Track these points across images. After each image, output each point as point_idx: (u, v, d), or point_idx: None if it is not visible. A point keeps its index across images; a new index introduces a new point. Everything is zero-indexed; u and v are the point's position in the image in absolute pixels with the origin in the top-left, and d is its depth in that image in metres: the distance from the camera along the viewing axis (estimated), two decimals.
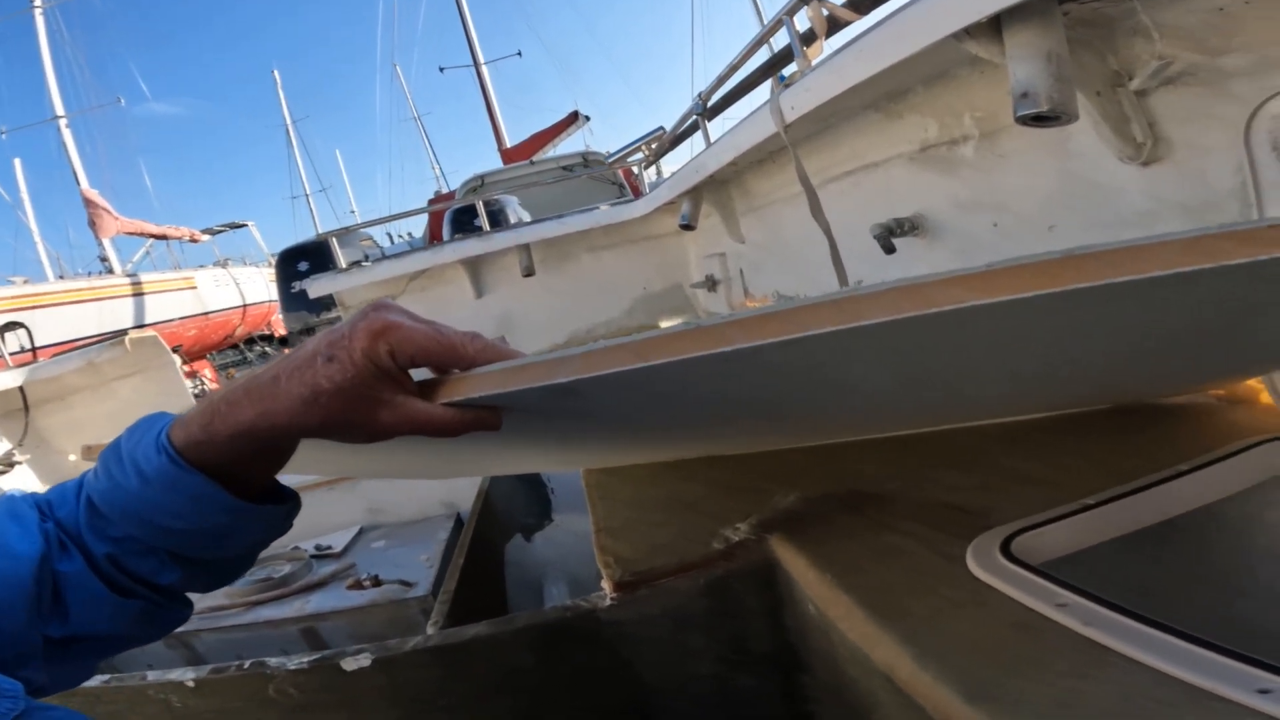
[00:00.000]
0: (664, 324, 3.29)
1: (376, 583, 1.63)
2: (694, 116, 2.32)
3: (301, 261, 5.75)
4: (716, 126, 2.24)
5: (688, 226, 2.34)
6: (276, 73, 28.13)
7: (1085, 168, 0.94)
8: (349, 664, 0.97)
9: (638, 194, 3.47)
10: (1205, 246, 0.31)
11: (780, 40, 1.58)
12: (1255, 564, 0.69)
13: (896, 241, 1.33)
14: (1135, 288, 0.33)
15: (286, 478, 0.53)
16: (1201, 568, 0.68)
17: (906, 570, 0.67)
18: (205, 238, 14.61)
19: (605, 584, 0.87)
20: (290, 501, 0.53)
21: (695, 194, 2.32)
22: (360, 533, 2.04)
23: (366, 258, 3.55)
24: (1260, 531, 0.70)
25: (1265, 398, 0.82)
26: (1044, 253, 0.34)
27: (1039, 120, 0.73)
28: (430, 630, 1.13)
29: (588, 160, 6.32)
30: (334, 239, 3.28)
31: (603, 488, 1.18)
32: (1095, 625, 0.51)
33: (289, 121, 27.34)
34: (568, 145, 8.63)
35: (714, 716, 0.86)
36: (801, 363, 0.46)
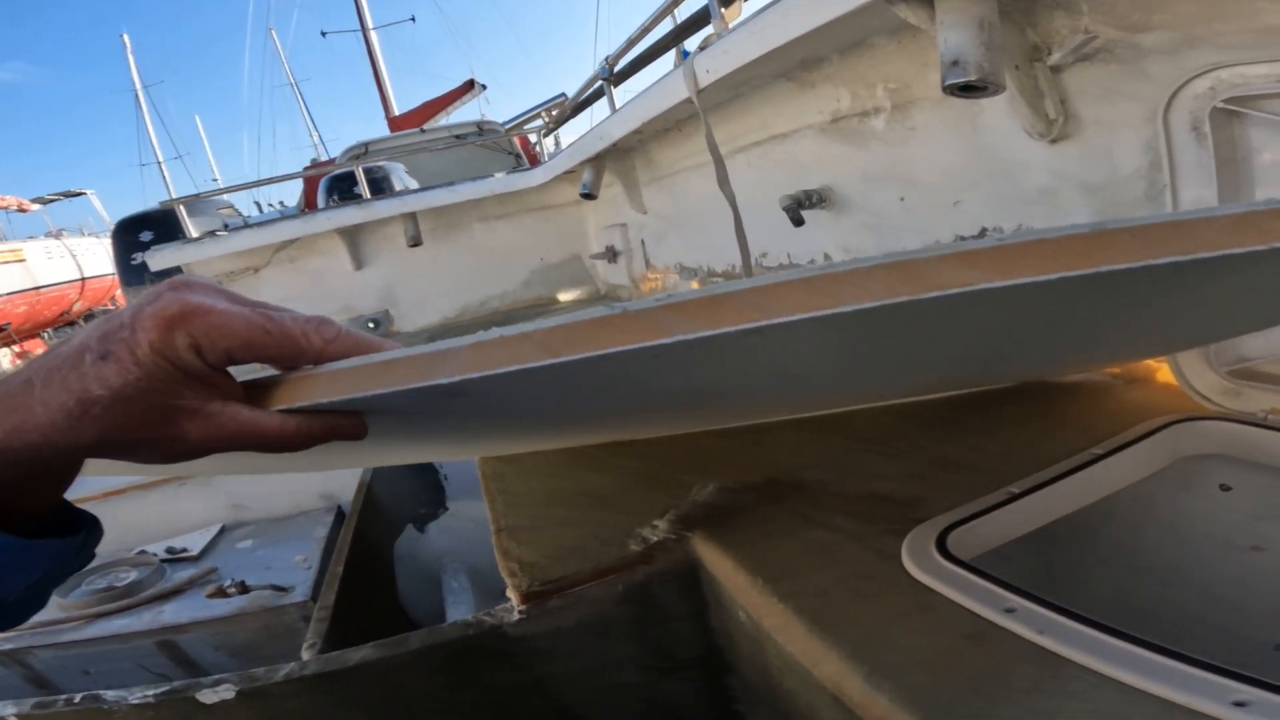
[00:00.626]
0: (563, 296, 3.17)
1: (243, 589, 1.45)
2: (600, 82, 2.21)
3: (144, 231, 5.06)
4: (621, 96, 2.16)
5: (589, 196, 2.26)
6: (126, 36, 25.03)
7: (994, 143, 0.93)
8: (207, 696, 0.83)
9: (535, 164, 3.32)
10: (1258, 224, 0.26)
11: (694, 3, 1.50)
12: (1171, 548, 0.70)
13: (804, 214, 1.30)
14: (1178, 269, 0.27)
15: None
16: (1122, 557, 0.69)
17: (842, 572, 0.63)
18: (35, 207, 13.21)
19: (511, 594, 0.78)
20: (84, 531, 0.40)
21: (597, 162, 2.24)
22: (222, 532, 1.81)
23: (226, 227, 3.18)
24: (1171, 515, 0.72)
25: (1160, 376, 0.85)
26: (1067, 227, 0.28)
27: (966, 90, 0.70)
28: (306, 654, 1.00)
29: (483, 130, 5.99)
30: (181, 206, 2.92)
31: (501, 480, 1.08)
32: (1049, 634, 0.49)
33: (138, 85, 24.29)
34: (462, 115, 8.06)
35: None
36: (743, 352, 0.39)
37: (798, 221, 1.29)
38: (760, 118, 1.44)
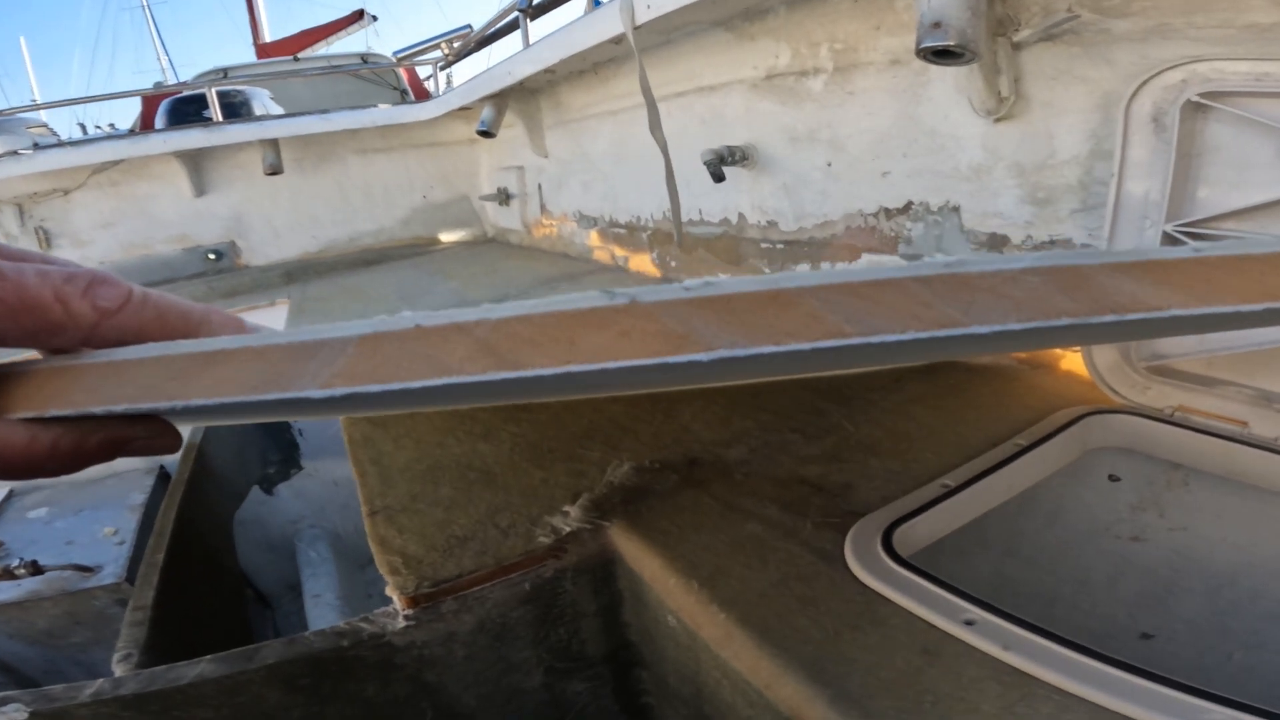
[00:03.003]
0: (446, 237, 2.96)
1: (36, 569, 1.19)
2: (515, 13, 1.98)
3: None
4: (534, 33, 1.98)
5: (487, 133, 2.10)
6: None
7: (934, 116, 0.89)
8: None
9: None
10: None
11: None
12: (1058, 535, 0.72)
13: (725, 170, 1.23)
14: None
15: None
16: (1011, 542, 0.70)
17: (781, 574, 0.58)
18: None
19: (393, 595, 0.67)
20: None
21: (499, 100, 2.07)
22: (9, 498, 1.48)
23: (36, 146, 2.64)
24: (1065, 503, 0.73)
25: (1064, 364, 0.87)
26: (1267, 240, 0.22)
27: (940, 56, 0.64)
28: (119, 669, 0.82)
29: (368, 61, 5.31)
30: None
31: (372, 447, 0.93)
32: (1014, 649, 0.46)
33: None
34: (345, 48, 7.04)
35: None
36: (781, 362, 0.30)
37: (718, 177, 1.21)
38: (689, 67, 1.35)
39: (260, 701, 0.65)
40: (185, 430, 1.50)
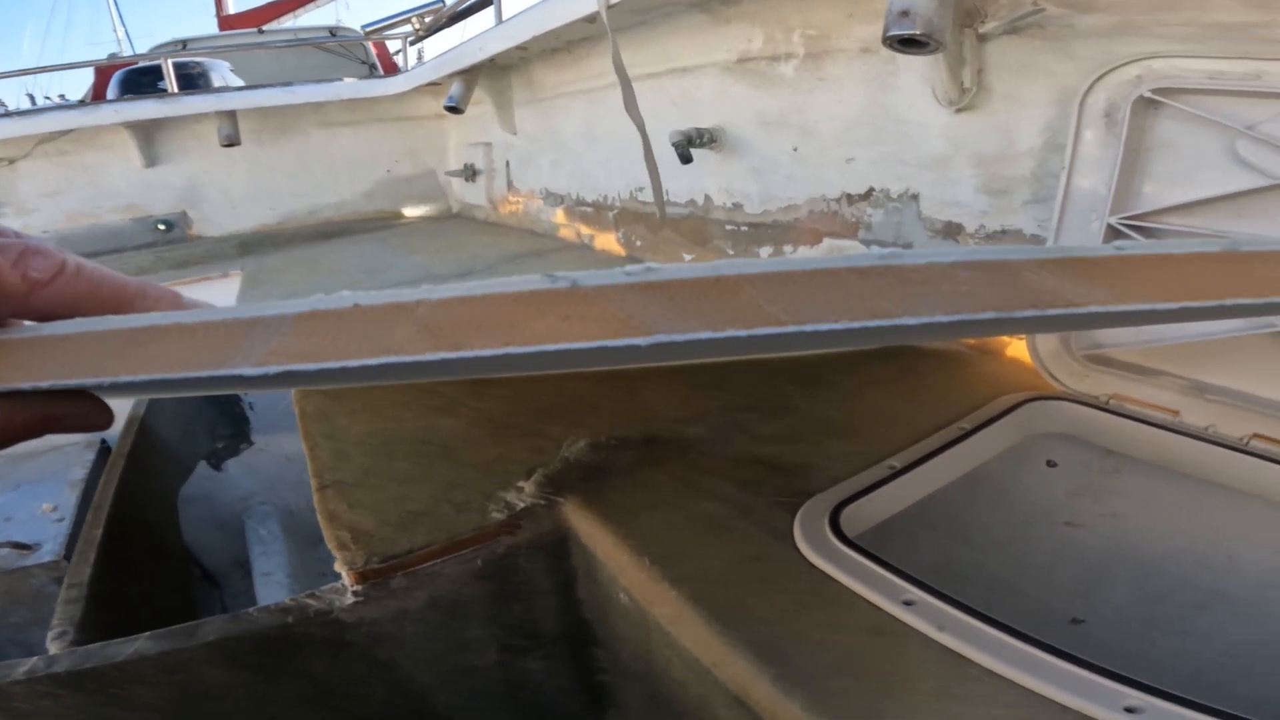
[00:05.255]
0: (410, 212, 2.92)
1: None
2: None
3: None
4: (508, 10, 1.97)
5: (455, 109, 2.08)
6: None
7: (900, 105, 0.90)
8: None
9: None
10: None
11: None
12: (998, 520, 0.74)
13: (693, 152, 1.23)
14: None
15: None
16: (955, 526, 0.72)
17: (734, 554, 0.59)
18: None
19: (342, 571, 0.66)
20: None
21: (469, 76, 2.04)
22: None
23: None
24: (1006, 488, 0.75)
25: (1010, 351, 0.89)
26: (1191, 241, 0.22)
27: (906, 44, 0.64)
28: (53, 646, 0.79)
29: (337, 34, 5.13)
30: None
31: (325, 421, 0.92)
32: (949, 630, 0.48)
33: None
34: (314, 19, 6.73)
35: (499, 705, 0.73)
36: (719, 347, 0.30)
37: (686, 159, 1.22)
38: (663, 49, 1.34)
39: (201, 679, 0.64)
40: (118, 406, 1.44)
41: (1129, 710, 0.40)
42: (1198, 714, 0.39)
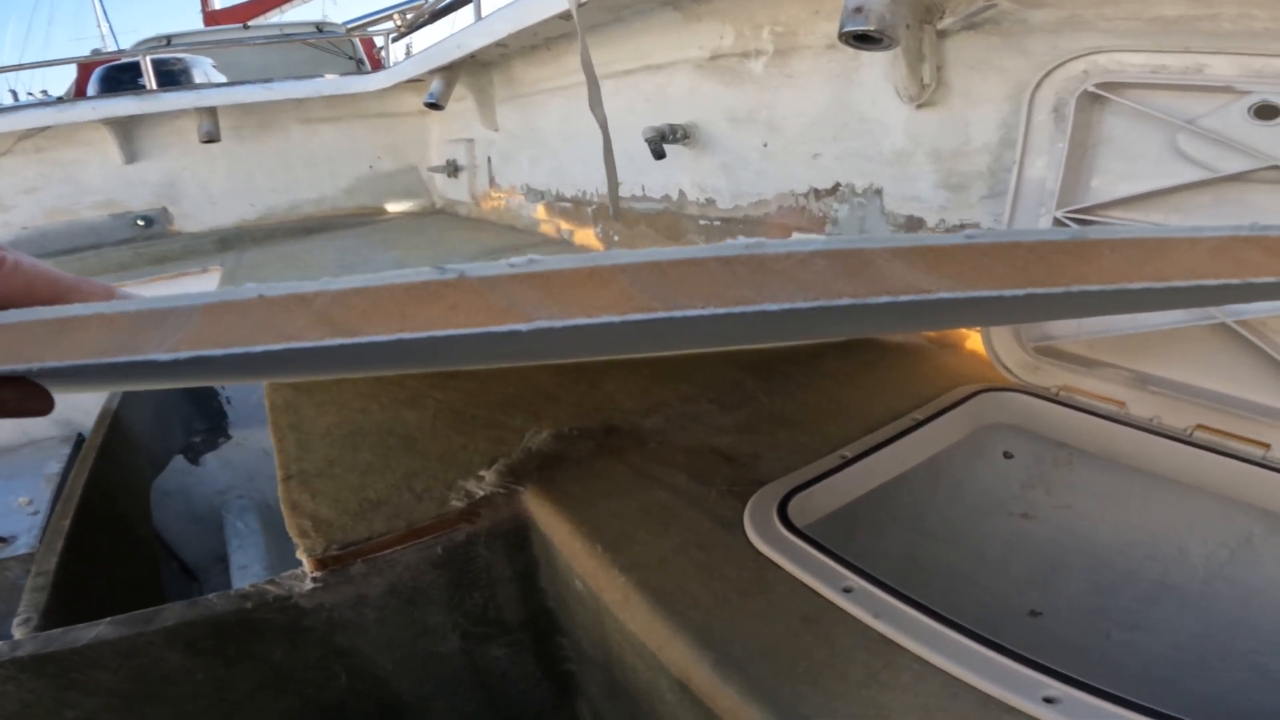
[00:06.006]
0: (392, 207, 2.92)
1: None
2: None
3: None
4: (489, 7, 1.97)
5: (435, 105, 2.09)
6: None
7: (864, 101, 0.91)
8: None
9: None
10: (1236, 253, 0.23)
11: None
12: (956, 511, 0.76)
13: (666, 148, 1.24)
14: (1148, 293, 0.24)
15: None
16: (915, 518, 0.73)
17: (682, 540, 0.60)
18: None
19: (303, 558, 0.67)
20: None
21: (449, 73, 2.06)
22: None
23: None
24: (962, 479, 0.77)
25: (969, 344, 0.91)
26: (1040, 231, 0.23)
27: (861, 40, 0.65)
28: (18, 632, 0.80)
29: (323, 30, 5.11)
30: None
31: (292, 413, 0.93)
32: (883, 618, 0.49)
33: None
34: (300, 15, 6.66)
35: (465, 692, 0.74)
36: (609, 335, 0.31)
37: (659, 155, 1.23)
38: (636, 46, 1.35)
39: (160, 664, 0.65)
40: (59, 394, 1.42)
41: (1047, 700, 0.41)
42: (1114, 706, 0.40)
